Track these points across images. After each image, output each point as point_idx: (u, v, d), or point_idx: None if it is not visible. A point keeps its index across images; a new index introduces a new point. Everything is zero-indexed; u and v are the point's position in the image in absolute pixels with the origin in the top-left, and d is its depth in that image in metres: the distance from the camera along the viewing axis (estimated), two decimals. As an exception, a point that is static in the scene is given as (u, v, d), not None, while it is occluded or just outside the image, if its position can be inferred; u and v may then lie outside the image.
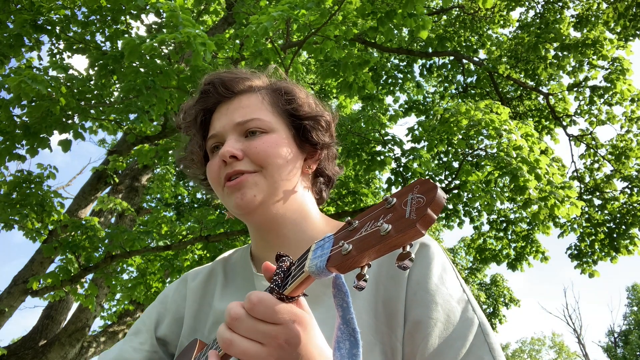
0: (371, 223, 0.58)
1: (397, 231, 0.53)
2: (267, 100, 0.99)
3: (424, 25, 4.56)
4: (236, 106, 0.97)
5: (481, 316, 0.83)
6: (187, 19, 3.92)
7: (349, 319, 0.64)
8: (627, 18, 8.27)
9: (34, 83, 3.82)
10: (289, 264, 0.67)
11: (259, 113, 0.96)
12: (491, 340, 0.80)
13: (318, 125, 1.00)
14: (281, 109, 0.99)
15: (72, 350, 6.05)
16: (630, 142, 8.36)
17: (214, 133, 0.97)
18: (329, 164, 1.05)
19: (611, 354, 29.79)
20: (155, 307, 1.08)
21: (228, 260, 1.09)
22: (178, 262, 6.42)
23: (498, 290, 19.43)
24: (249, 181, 0.90)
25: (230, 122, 0.95)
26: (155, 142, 5.97)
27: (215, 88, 0.99)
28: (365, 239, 0.56)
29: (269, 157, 0.91)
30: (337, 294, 0.65)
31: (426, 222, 0.53)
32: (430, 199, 0.53)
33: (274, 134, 0.95)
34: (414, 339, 0.80)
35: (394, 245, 0.54)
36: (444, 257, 0.91)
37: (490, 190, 5.72)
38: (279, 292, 0.63)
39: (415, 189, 0.57)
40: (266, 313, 0.62)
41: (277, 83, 1.05)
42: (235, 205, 0.90)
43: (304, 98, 1.02)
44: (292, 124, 0.99)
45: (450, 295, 0.84)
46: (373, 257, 0.56)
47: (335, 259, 0.58)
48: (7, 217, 5.16)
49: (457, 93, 10.13)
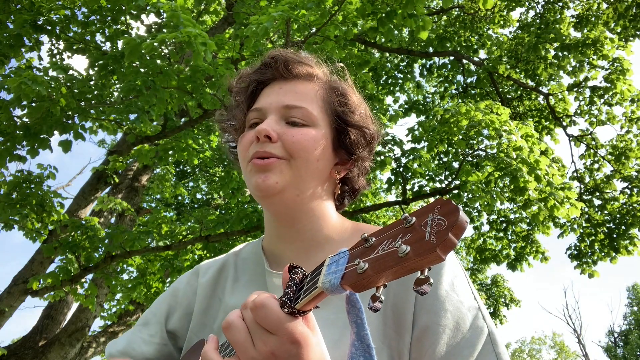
0: (389, 242, 0.56)
1: (416, 254, 0.51)
2: (321, 94, 0.97)
3: (424, 26, 4.56)
4: (290, 89, 0.96)
5: (491, 325, 0.82)
6: (187, 19, 3.92)
7: (363, 335, 0.63)
8: (627, 18, 8.27)
9: (34, 84, 3.82)
10: (301, 277, 0.66)
11: (309, 104, 0.94)
12: (500, 350, 0.79)
13: (360, 137, 0.98)
14: (331, 108, 0.97)
15: (72, 350, 6.05)
16: (630, 143, 8.36)
17: (258, 107, 0.96)
18: (358, 177, 1.03)
19: (611, 354, 29.79)
20: (166, 299, 1.06)
21: (239, 255, 1.08)
22: (178, 262, 6.42)
23: (499, 291, 19.42)
24: (275, 166, 0.88)
25: (278, 102, 0.94)
26: (155, 142, 5.97)
27: (277, 64, 0.98)
28: (383, 259, 0.55)
29: (302, 150, 0.90)
30: (351, 310, 0.64)
31: (447, 247, 0.50)
32: (451, 222, 0.51)
33: (315, 129, 0.93)
34: (422, 345, 0.79)
35: (413, 269, 0.52)
36: (456, 263, 0.90)
37: (490, 190, 5.72)
38: (291, 307, 0.62)
39: (436, 209, 0.54)
40: (265, 320, 0.63)
41: (336, 81, 1.03)
42: (256, 185, 0.89)
43: (357, 104, 1.01)
44: (335, 126, 0.97)
45: (460, 302, 0.83)
46: (390, 278, 0.54)
47: (350, 277, 0.57)
48: (7, 217, 5.15)
49: (457, 93, 10.13)
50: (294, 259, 0.96)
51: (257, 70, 1.01)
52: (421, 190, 6.70)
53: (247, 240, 7.14)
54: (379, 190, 10.27)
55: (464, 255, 19.64)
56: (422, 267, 0.52)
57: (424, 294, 0.52)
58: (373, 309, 0.55)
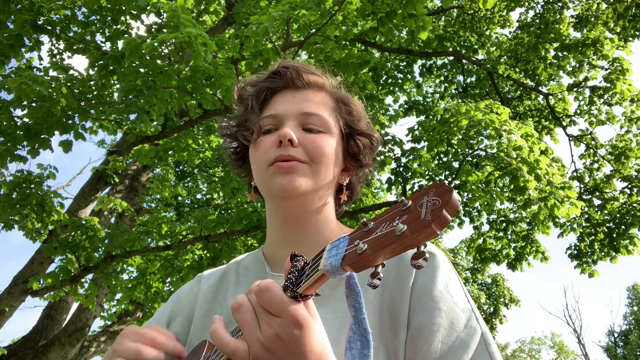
0: (386, 224, 0.59)
1: (412, 231, 0.54)
2: (331, 103, 1.02)
3: (423, 26, 4.56)
4: (304, 97, 1.00)
5: (484, 327, 0.84)
6: (187, 19, 3.92)
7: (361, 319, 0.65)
8: (626, 19, 8.27)
9: (34, 84, 3.82)
10: (303, 264, 0.68)
11: (324, 112, 0.98)
12: (493, 350, 0.81)
13: (367, 144, 1.04)
14: (340, 117, 1.02)
15: (72, 350, 6.05)
16: (630, 142, 8.36)
17: (274, 113, 0.98)
18: (357, 183, 1.08)
19: (611, 354, 29.79)
20: (168, 306, 1.09)
21: (240, 263, 1.11)
22: (178, 262, 6.42)
23: (498, 290, 19.44)
24: (299, 169, 0.92)
25: (296, 109, 0.97)
26: (155, 142, 5.97)
27: (290, 73, 1.01)
28: (381, 239, 0.57)
29: (323, 155, 0.94)
30: (350, 294, 0.66)
31: (441, 222, 0.54)
32: (445, 200, 0.55)
33: (330, 136, 0.97)
34: (416, 343, 0.81)
35: (409, 245, 0.55)
36: (450, 267, 0.93)
37: (490, 190, 5.72)
38: (293, 290, 0.64)
39: (430, 192, 0.58)
40: (269, 303, 0.65)
41: (341, 91, 1.08)
42: (281, 186, 0.91)
43: (362, 113, 1.06)
44: (345, 134, 1.02)
45: (454, 303, 0.85)
46: (388, 256, 0.57)
47: (350, 258, 0.59)
48: (7, 217, 5.16)
49: (457, 93, 10.13)
50: None
51: (268, 78, 1.04)
52: (421, 190, 6.69)
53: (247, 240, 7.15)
54: (378, 190, 10.27)
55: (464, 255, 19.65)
56: (419, 242, 0.54)
57: (420, 267, 0.54)
58: (372, 285, 0.57)
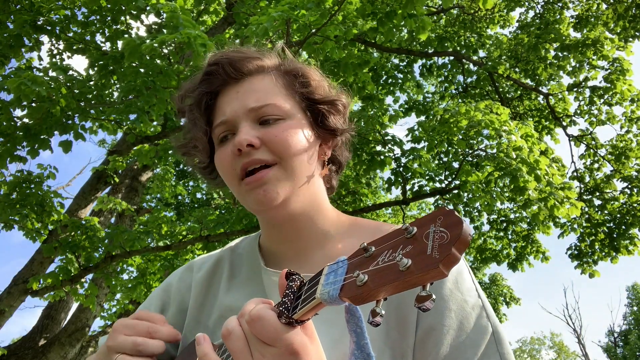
0: (389, 253, 0.54)
1: (418, 269, 0.49)
2: (281, 82, 0.92)
3: (423, 27, 4.56)
4: (247, 89, 0.90)
5: (495, 323, 0.81)
6: (187, 20, 3.92)
7: (363, 345, 0.62)
8: (626, 19, 8.27)
9: (34, 85, 3.82)
10: (299, 284, 0.64)
11: (274, 97, 0.89)
12: (504, 350, 0.78)
13: (335, 110, 0.95)
14: (296, 93, 0.92)
15: (72, 350, 6.06)
16: (630, 142, 8.36)
17: (224, 119, 0.89)
18: (341, 150, 1.01)
19: (611, 354, 29.79)
20: (158, 295, 1.03)
21: (235, 250, 1.04)
22: (178, 262, 6.43)
23: (498, 289, 19.43)
24: (270, 177, 0.84)
25: (242, 107, 0.87)
26: (155, 142, 5.97)
27: (223, 68, 0.90)
28: (383, 272, 0.53)
29: (289, 147, 0.85)
30: (351, 319, 0.62)
31: (450, 262, 0.48)
32: (454, 236, 0.49)
33: (291, 120, 0.88)
34: (426, 345, 0.78)
35: (414, 284, 0.50)
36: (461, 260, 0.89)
37: (490, 190, 5.72)
38: (289, 317, 0.61)
39: (438, 219, 0.52)
40: (262, 333, 0.61)
41: (289, 64, 0.97)
42: (257, 201, 0.85)
43: (318, 80, 0.96)
44: (307, 109, 0.92)
45: (464, 301, 0.81)
46: (390, 292, 0.52)
47: (350, 289, 0.55)
48: (7, 217, 5.16)
49: (457, 93, 10.13)
50: (293, 257, 0.94)
51: (202, 81, 0.93)
52: (421, 190, 6.71)
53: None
54: (379, 189, 10.27)
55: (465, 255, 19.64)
56: (424, 282, 0.50)
57: (426, 310, 0.49)
58: (373, 324, 0.52)
